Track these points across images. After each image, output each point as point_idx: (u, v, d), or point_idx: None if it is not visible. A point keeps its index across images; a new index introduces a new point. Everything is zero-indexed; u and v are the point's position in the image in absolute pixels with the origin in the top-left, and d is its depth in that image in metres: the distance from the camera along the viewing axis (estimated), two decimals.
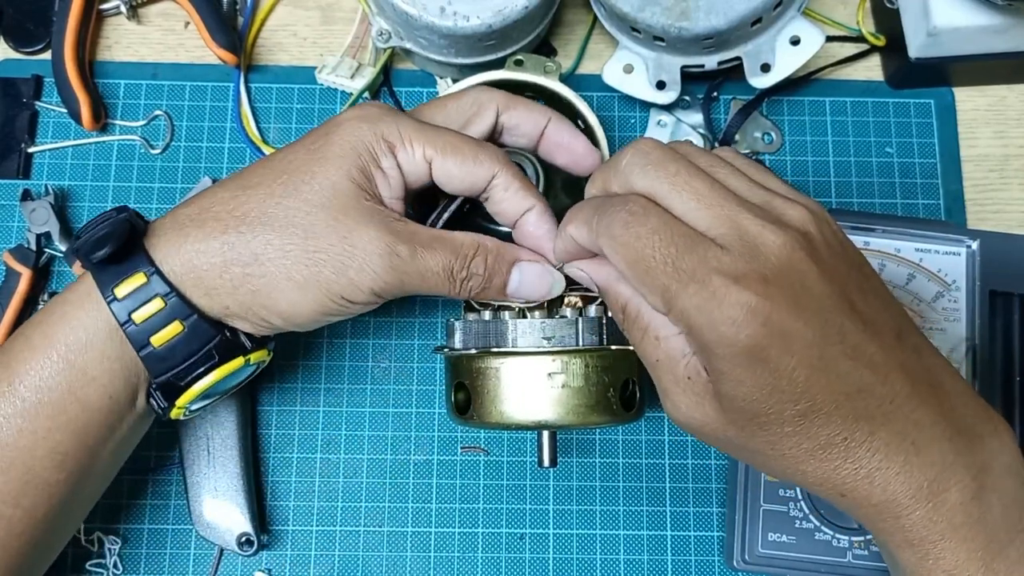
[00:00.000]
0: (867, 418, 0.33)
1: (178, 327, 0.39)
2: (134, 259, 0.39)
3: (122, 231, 0.38)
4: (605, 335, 0.42)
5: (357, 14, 0.59)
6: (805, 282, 0.33)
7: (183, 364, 0.40)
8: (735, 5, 0.51)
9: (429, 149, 0.40)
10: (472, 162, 0.40)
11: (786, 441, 0.34)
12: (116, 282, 0.38)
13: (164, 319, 0.39)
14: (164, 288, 0.38)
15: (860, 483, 0.34)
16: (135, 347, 0.39)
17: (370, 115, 0.41)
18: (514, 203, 0.41)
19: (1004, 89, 0.60)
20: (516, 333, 0.42)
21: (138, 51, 0.60)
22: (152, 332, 0.39)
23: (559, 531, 0.52)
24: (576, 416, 0.42)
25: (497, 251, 0.41)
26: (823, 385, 0.33)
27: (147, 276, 0.38)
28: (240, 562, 0.52)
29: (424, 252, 0.39)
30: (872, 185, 0.58)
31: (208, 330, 0.40)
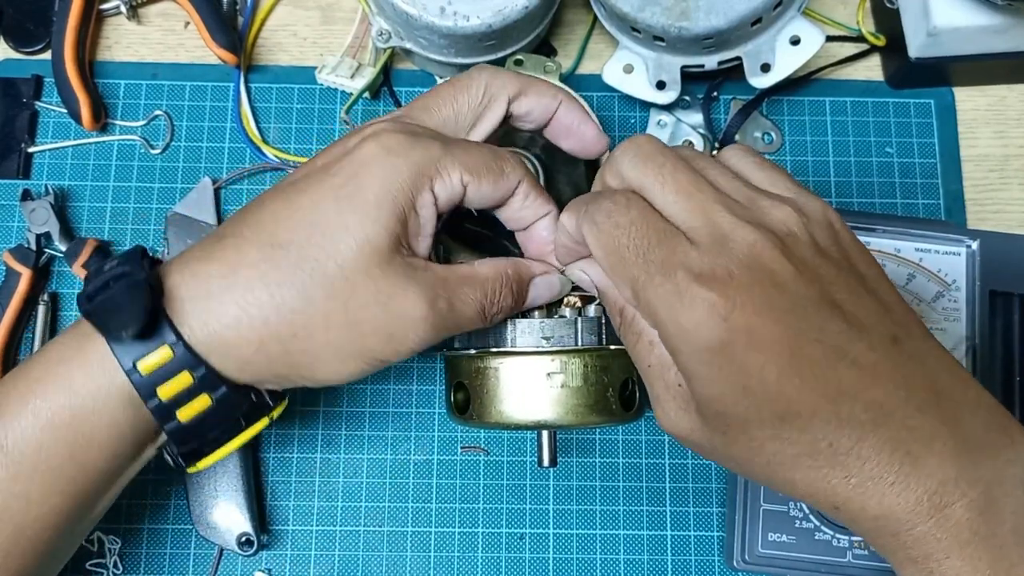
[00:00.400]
0: (852, 423, 0.32)
1: (206, 401, 0.36)
2: (159, 331, 0.35)
3: (144, 304, 0.35)
4: (604, 335, 0.42)
5: (357, 14, 0.59)
6: (776, 279, 0.32)
7: (208, 435, 0.38)
8: (735, 5, 0.51)
9: (466, 174, 0.38)
10: (503, 179, 0.39)
11: (768, 446, 0.33)
12: (139, 356, 0.35)
13: (191, 393, 0.36)
14: (192, 361, 0.35)
15: (852, 494, 0.33)
16: (159, 421, 0.37)
17: (399, 146, 0.37)
18: (531, 211, 0.41)
19: (1004, 89, 0.60)
20: (515, 333, 0.42)
21: (138, 51, 0.60)
22: (178, 406, 0.36)
23: (559, 531, 0.52)
24: (575, 416, 0.42)
25: (517, 276, 0.40)
26: (798, 385, 0.32)
27: (173, 350, 0.35)
28: (240, 562, 0.52)
29: (459, 302, 0.38)
30: (872, 185, 0.58)
31: (237, 399, 0.37)
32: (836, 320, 0.32)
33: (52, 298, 0.54)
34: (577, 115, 0.43)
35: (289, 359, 0.37)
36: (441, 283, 0.37)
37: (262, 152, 0.57)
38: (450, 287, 0.38)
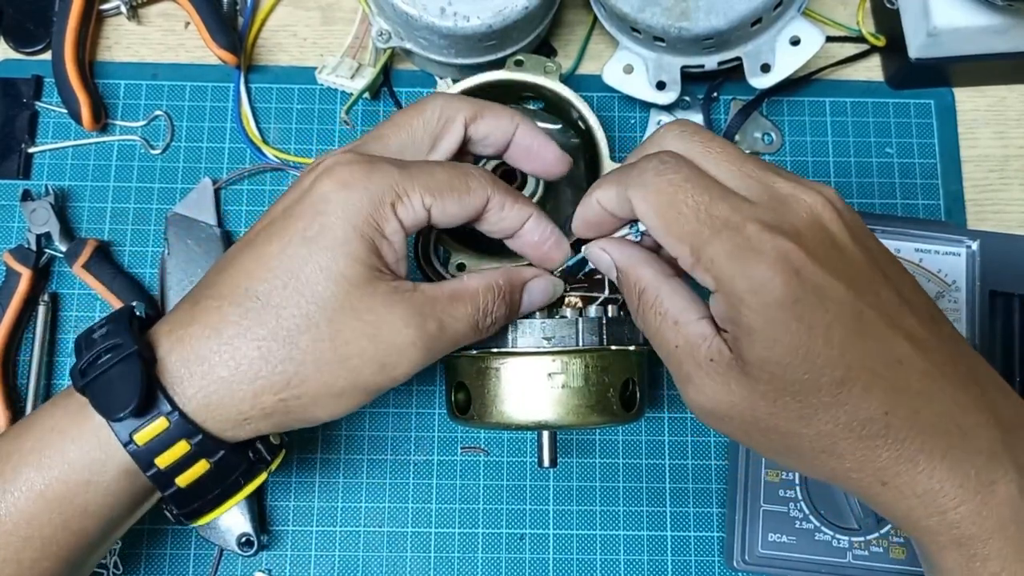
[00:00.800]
0: (909, 392, 0.32)
1: (205, 465, 0.37)
2: (155, 404, 0.35)
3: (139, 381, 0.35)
4: (605, 335, 0.42)
5: (357, 14, 0.59)
6: (836, 241, 0.32)
7: (208, 496, 0.38)
8: (735, 5, 0.51)
9: (427, 196, 0.37)
10: (468, 195, 0.38)
11: (822, 414, 0.32)
12: (135, 428, 0.35)
13: (190, 460, 0.36)
14: (189, 430, 0.36)
15: (903, 468, 0.32)
16: (159, 487, 0.37)
17: (354, 178, 0.36)
18: (511, 219, 0.40)
19: (1004, 89, 0.60)
20: (516, 333, 0.42)
21: (138, 51, 0.60)
22: (177, 473, 0.36)
23: (559, 531, 0.52)
24: (576, 416, 0.42)
25: (509, 285, 0.40)
26: (861, 350, 0.31)
27: (169, 420, 0.35)
28: (240, 562, 0.52)
29: (449, 319, 0.37)
30: (872, 185, 0.58)
31: (235, 460, 0.38)
32: (889, 290, 0.33)
33: (52, 298, 0.54)
34: (536, 137, 0.43)
35: (285, 407, 0.37)
36: (430, 304, 0.37)
37: (262, 152, 0.57)
38: (439, 307, 0.37)
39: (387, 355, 0.36)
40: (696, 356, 0.34)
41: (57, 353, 0.54)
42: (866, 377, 0.31)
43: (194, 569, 0.52)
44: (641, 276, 0.37)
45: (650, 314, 0.36)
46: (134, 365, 0.35)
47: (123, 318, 0.38)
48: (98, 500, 0.37)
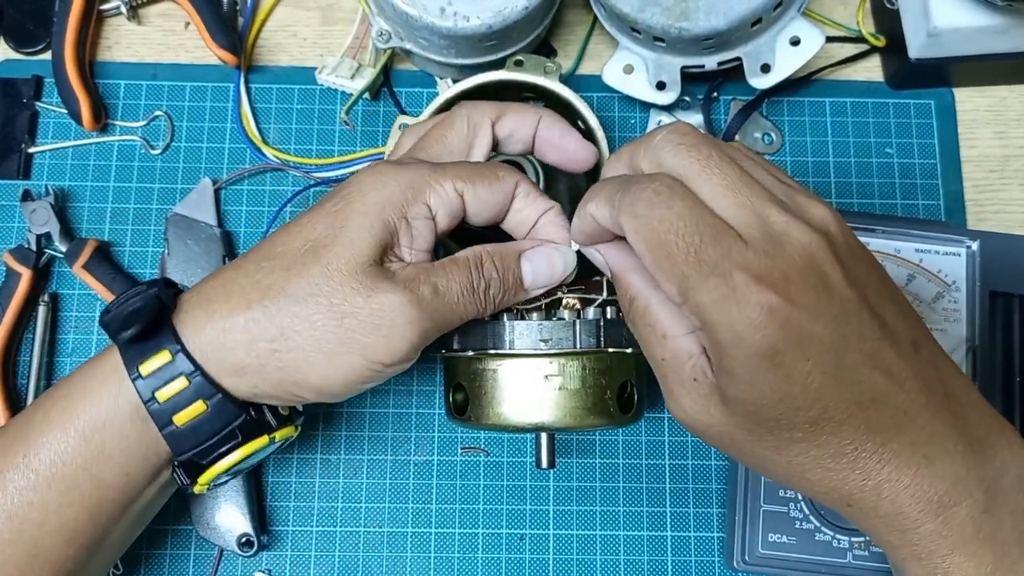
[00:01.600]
0: (880, 429, 0.33)
1: (201, 407, 0.38)
2: (160, 336, 0.38)
3: (150, 308, 0.38)
4: (603, 337, 0.42)
5: (357, 15, 0.59)
6: (827, 283, 0.32)
7: (205, 443, 0.39)
8: (735, 5, 0.51)
9: (459, 182, 0.39)
10: (499, 182, 0.40)
11: (794, 447, 0.33)
12: (141, 359, 0.38)
13: (188, 398, 0.38)
14: (188, 367, 0.38)
15: (867, 495, 0.34)
16: (157, 425, 0.38)
17: (390, 170, 0.40)
18: (533, 210, 0.41)
19: (1004, 89, 0.60)
20: (513, 335, 0.42)
21: (138, 51, 0.60)
22: (175, 411, 0.38)
23: (559, 532, 0.52)
24: (573, 418, 0.42)
25: (498, 250, 0.41)
26: (837, 393, 0.32)
27: (172, 354, 0.38)
28: (240, 562, 0.52)
29: (443, 280, 0.39)
30: (872, 186, 0.58)
31: (232, 410, 0.39)
32: (873, 325, 0.33)
33: (52, 299, 0.54)
34: (558, 128, 0.45)
35: (279, 360, 0.38)
36: (422, 271, 0.39)
37: (262, 153, 0.57)
38: (431, 273, 0.39)
39: (382, 316, 0.37)
40: (680, 372, 0.35)
41: (57, 353, 0.54)
42: (840, 416, 0.32)
43: (194, 569, 0.52)
44: (632, 283, 0.37)
45: (639, 323, 0.37)
46: (148, 299, 0.38)
47: (161, 279, 0.41)
48: (114, 441, 0.39)
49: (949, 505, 0.33)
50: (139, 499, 0.41)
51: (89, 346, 0.54)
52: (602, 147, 0.53)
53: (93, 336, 0.55)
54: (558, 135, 0.45)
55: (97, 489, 0.39)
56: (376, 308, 0.37)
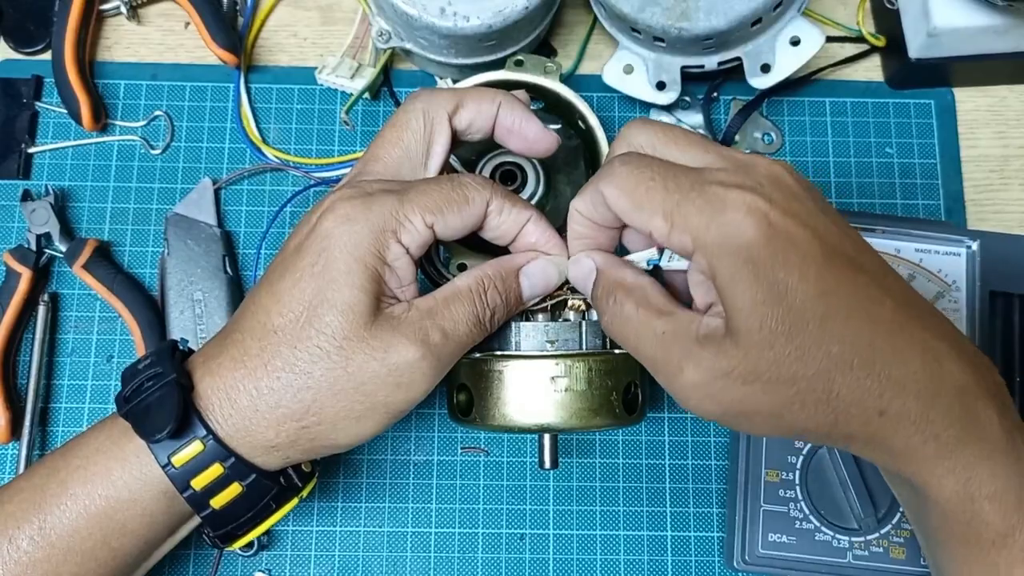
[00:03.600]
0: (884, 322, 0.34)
1: (237, 488, 0.39)
2: (190, 427, 0.38)
3: (176, 402, 0.37)
4: (608, 339, 0.42)
5: (357, 14, 0.59)
6: (794, 192, 0.35)
7: (241, 519, 0.40)
8: (735, 5, 0.51)
9: (427, 215, 0.39)
10: (468, 205, 0.40)
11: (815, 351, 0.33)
12: (173, 450, 0.37)
13: (223, 482, 0.38)
14: (223, 454, 0.38)
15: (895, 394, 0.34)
16: (195, 509, 0.39)
17: (355, 212, 0.38)
18: (511, 223, 0.41)
19: (1004, 89, 0.60)
20: (519, 336, 0.42)
21: (138, 51, 0.60)
22: (211, 495, 0.38)
23: (559, 532, 0.52)
24: (579, 419, 0.42)
25: (499, 272, 0.40)
26: (835, 285, 0.33)
27: (204, 444, 0.38)
28: (240, 562, 0.52)
29: (450, 324, 0.39)
30: (872, 186, 0.58)
31: (267, 485, 0.39)
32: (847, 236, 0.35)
33: (52, 299, 0.54)
34: (518, 114, 0.43)
35: (308, 434, 0.38)
36: (428, 316, 0.38)
37: (262, 152, 0.57)
38: (437, 315, 0.39)
39: (399, 374, 0.38)
40: (687, 334, 0.35)
41: (57, 353, 0.54)
42: (845, 310, 0.33)
43: (194, 569, 0.52)
44: (624, 275, 0.38)
45: (629, 308, 0.37)
46: (172, 391, 0.38)
47: (166, 350, 0.40)
48: (136, 519, 0.39)
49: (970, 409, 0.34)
50: (154, 557, 0.42)
51: (89, 346, 0.54)
52: (602, 147, 0.53)
53: (93, 336, 0.55)
54: (518, 122, 0.43)
55: (115, 559, 0.39)
56: (392, 367, 0.37)
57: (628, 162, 0.36)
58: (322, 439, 0.39)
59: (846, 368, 0.33)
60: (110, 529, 0.38)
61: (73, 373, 0.54)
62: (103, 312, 0.55)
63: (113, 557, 0.39)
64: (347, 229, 0.38)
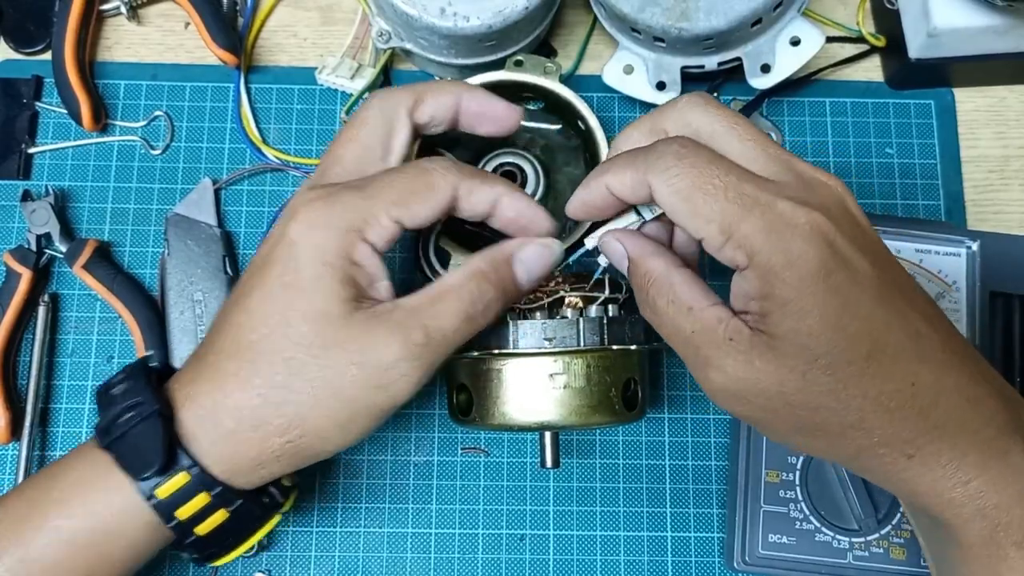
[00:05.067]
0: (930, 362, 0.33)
1: (223, 515, 0.38)
2: (175, 458, 0.37)
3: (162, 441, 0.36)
4: (606, 335, 0.42)
5: (357, 15, 0.59)
6: (858, 222, 0.34)
7: (226, 542, 0.40)
8: (735, 6, 0.51)
9: (393, 210, 0.37)
10: (433, 192, 0.38)
11: (852, 388, 0.32)
12: (157, 484, 0.37)
13: (209, 511, 0.38)
14: (209, 482, 0.37)
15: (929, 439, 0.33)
16: (178, 536, 0.38)
17: (317, 216, 0.37)
18: (483, 200, 0.40)
19: (1004, 90, 0.60)
20: (517, 334, 0.42)
21: (138, 52, 0.60)
22: (197, 523, 0.38)
23: (559, 532, 0.52)
24: (578, 417, 0.42)
25: (492, 264, 0.39)
26: (886, 322, 0.33)
27: (190, 474, 0.37)
28: (240, 563, 0.52)
29: (434, 322, 0.37)
30: (872, 186, 0.58)
31: (252, 508, 0.39)
32: (901, 273, 0.35)
33: (52, 299, 0.54)
34: (481, 98, 0.43)
35: (294, 447, 0.38)
36: (411, 315, 0.37)
37: (262, 153, 0.57)
38: (421, 313, 0.37)
39: (380, 377, 0.36)
40: (714, 338, 0.34)
41: (57, 354, 0.54)
42: (892, 349, 0.33)
43: (194, 569, 0.51)
44: (653, 267, 0.37)
45: (661, 303, 0.36)
46: (155, 424, 0.37)
47: (140, 373, 0.39)
48: (122, 549, 0.38)
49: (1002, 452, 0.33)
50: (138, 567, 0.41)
51: (89, 347, 0.54)
52: (602, 148, 0.53)
53: (93, 336, 0.55)
54: (484, 104, 0.42)
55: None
56: (373, 372, 0.36)
57: (684, 156, 0.34)
58: (307, 450, 0.38)
59: (882, 411, 0.33)
60: (94, 560, 0.38)
61: (73, 374, 0.54)
62: (103, 312, 0.55)
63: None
64: (312, 235, 0.37)
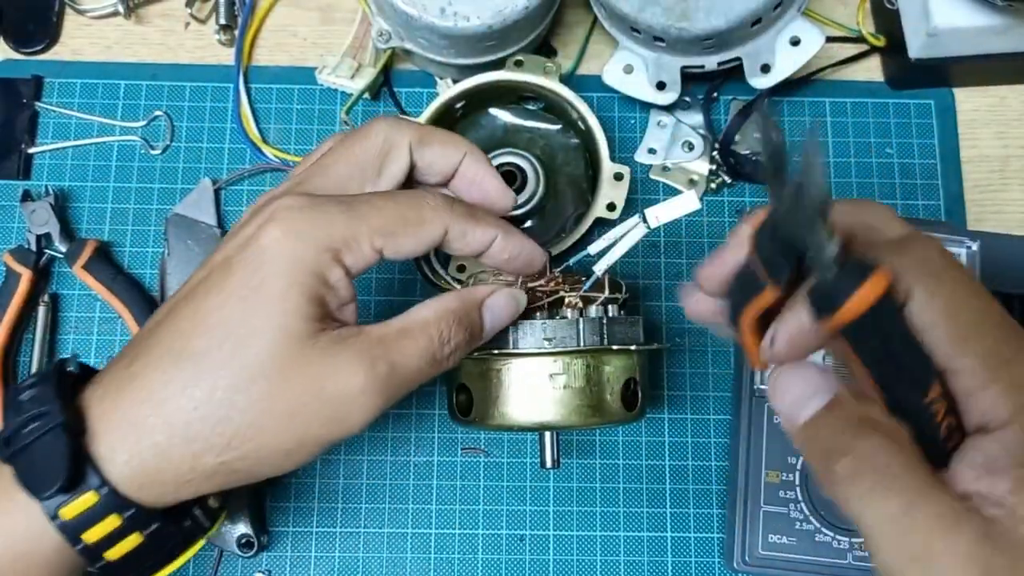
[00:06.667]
0: None
1: (137, 539, 0.34)
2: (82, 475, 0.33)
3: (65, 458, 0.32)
4: (606, 335, 0.42)
5: (357, 14, 0.59)
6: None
7: (143, 566, 0.36)
8: (735, 5, 0.51)
9: (376, 238, 0.35)
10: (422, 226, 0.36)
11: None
12: (61, 503, 0.33)
13: (121, 534, 0.34)
14: (120, 504, 0.33)
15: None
16: (87, 560, 0.34)
17: (297, 226, 0.34)
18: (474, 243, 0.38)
19: (1004, 89, 0.60)
20: (517, 335, 0.42)
21: (138, 52, 0.60)
22: (107, 547, 0.34)
23: (559, 532, 0.52)
24: (578, 416, 0.42)
25: (463, 307, 0.38)
26: None
27: (99, 494, 0.33)
28: (240, 563, 0.52)
29: (401, 359, 0.35)
30: (872, 186, 0.58)
31: (170, 531, 0.35)
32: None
33: (52, 299, 0.54)
34: (482, 168, 0.41)
35: (228, 468, 0.34)
36: (378, 345, 0.35)
37: (262, 152, 0.57)
38: (388, 346, 0.35)
39: (336, 408, 0.34)
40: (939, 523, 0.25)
41: (57, 354, 0.54)
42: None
43: (194, 570, 0.51)
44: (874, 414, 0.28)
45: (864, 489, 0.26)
46: (60, 437, 0.33)
47: (50, 378, 0.35)
48: (36, 570, 0.34)
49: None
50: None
51: (89, 347, 0.54)
52: (602, 148, 0.53)
53: (93, 337, 0.55)
54: (481, 174, 0.41)
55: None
56: (328, 399, 0.34)
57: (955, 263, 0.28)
58: (242, 472, 0.34)
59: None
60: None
61: None
62: (103, 313, 0.55)
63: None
64: (287, 247, 0.34)
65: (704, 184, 0.57)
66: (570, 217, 0.55)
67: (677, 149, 0.58)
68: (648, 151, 0.58)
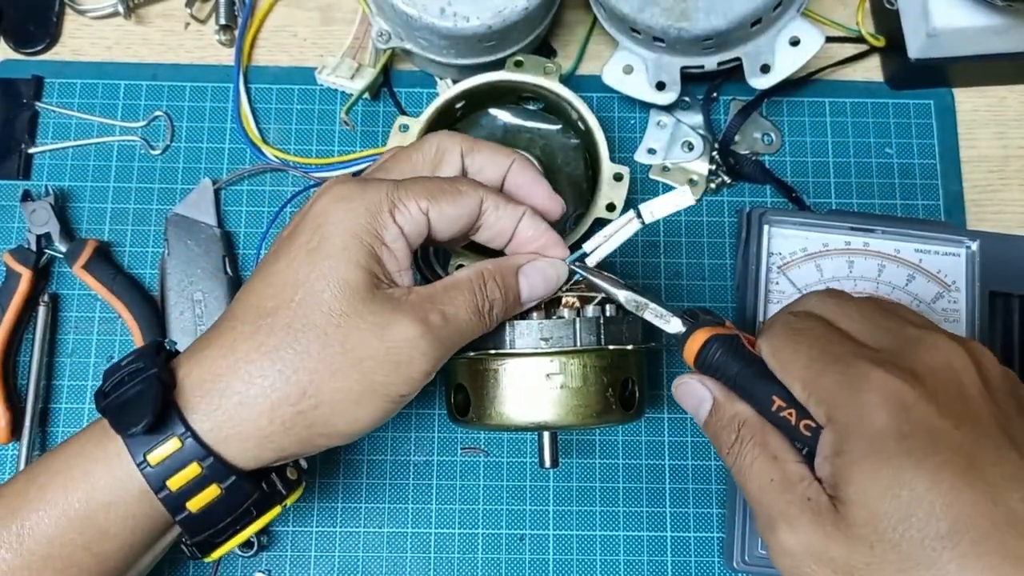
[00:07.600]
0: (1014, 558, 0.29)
1: (215, 491, 0.37)
2: (168, 423, 0.36)
3: (153, 395, 0.36)
4: (603, 335, 0.42)
5: (357, 15, 0.59)
6: (963, 392, 0.32)
7: (219, 525, 0.39)
8: (735, 6, 0.51)
9: (422, 200, 0.38)
10: (462, 196, 0.39)
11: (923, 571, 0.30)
12: (148, 447, 0.36)
13: (200, 484, 0.37)
14: (200, 452, 0.36)
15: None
16: (170, 512, 0.37)
17: (352, 192, 0.38)
18: (508, 219, 0.41)
19: (1004, 90, 0.60)
20: (514, 334, 0.42)
21: (138, 52, 0.60)
22: (188, 497, 0.37)
23: (559, 532, 0.52)
24: (575, 416, 0.42)
25: (497, 267, 0.40)
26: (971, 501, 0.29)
27: (182, 441, 0.36)
28: (240, 563, 0.52)
29: (451, 307, 0.38)
30: (872, 186, 0.58)
31: (247, 488, 0.38)
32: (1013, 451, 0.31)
33: (52, 299, 0.54)
34: (529, 175, 0.43)
35: (304, 419, 0.37)
36: (428, 299, 0.38)
37: (262, 153, 0.57)
38: (437, 300, 0.38)
39: (399, 352, 0.37)
40: (792, 493, 0.34)
41: (57, 354, 0.54)
42: (974, 534, 0.29)
43: (194, 570, 0.52)
44: (741, 411, 0.37)
45: (748, 446, 0.36)
46: (152, 384, 0.36)
47: (151, 348, 0.40)
48: (119, 522, 0.37)
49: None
50: (143, 560, 0.40)
51: (89, 347, 0.54)
52: (601, 148, 0.53)
53: (93, 337, 0.55)
54: (529, 182, 0.43)
55: (99, 564, 0.38)
56: (391, 346, 0.36)
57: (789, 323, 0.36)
58: (319, 425, 0.37)
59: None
60: (91, 534, 0.37)
61: (73, 374, 0.54)
62: (103, 313, 0.55)
63: (96, 563, 0.37)
64: (343, 207, 0.38)
65: (704, 184, 0.57)
66: (570, 217, 0.55)
67: (677, 149, 0.58)
68: (648, 151, 0.58)
